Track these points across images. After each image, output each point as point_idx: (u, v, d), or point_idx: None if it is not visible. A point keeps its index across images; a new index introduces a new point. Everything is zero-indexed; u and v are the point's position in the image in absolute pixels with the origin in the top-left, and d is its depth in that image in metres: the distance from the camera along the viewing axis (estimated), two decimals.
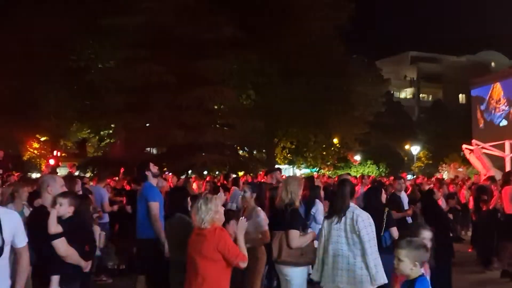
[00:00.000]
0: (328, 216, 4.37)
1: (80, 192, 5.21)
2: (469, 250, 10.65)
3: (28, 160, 28.71)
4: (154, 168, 5.78)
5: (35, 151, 28.82)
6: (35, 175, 27.24)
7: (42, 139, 28.46)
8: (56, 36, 23.35)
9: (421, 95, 57.88)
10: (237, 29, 21.00)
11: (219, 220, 3.85)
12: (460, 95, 54.32)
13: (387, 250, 5.26)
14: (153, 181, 5.74)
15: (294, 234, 4.61)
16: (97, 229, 5.56)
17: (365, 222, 4.15)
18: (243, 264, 3.84)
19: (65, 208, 4.02)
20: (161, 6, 20.07)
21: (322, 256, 4.35)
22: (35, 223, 3.97)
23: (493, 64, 56.49)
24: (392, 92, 47.83)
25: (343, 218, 4.21)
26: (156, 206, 5.36)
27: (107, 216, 8.40)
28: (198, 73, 20.49)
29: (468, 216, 12.52)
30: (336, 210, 4.28)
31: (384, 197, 5.84)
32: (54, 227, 3.85)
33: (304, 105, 26.13)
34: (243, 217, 5.37)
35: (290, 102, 26.33)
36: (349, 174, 9.92)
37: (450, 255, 6.89)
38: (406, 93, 57.98)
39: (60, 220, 3.93)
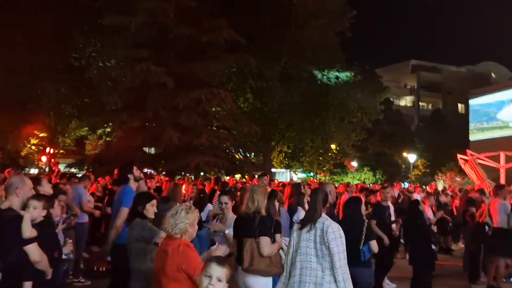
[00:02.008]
0: (299, 226, 4.20)
1: (50, 193, 5.00)
2: None
3: (25, 156, 28.81)
4: (137, 172, 5.63)
5: (33, 147, 28.88)
6: (33, 171, 27.42)
7: (41, 135, 28.52)
8: (59, 32, 23.46)
9: (420, 103, 57.94)
10: (237, 33, 21.06)
11: (190, 234, 3.58)
12: (459, 105, 54.41)
13: (366, 264, 5.29)
14: (134, 185, 5.56)
15: (266, 241, 4.52)
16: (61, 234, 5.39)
17: (336, 233, 3.94)
18: None
19: (39, 212, 3.92)
20: (162, 6, 20.14)
21: (289, 268, 4.16)
22: (3, 227, 3.74)
23: (493, 75, 56.60)
24: (391, 100, 47.88)
25: (313, 229, 4.02)
26: (124, 212, 5.14)
27: (85, 216, 8.23)
28: (196, 74, 20.54)
29: (459, 227, 12.53)
30: (306, 220, 4.13)
31: (363, 208, 5.70)
32: (29, 231, 3.70)
33: (302, 110, 26.17)
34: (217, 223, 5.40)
35: (288, 107, 26.38)
36: (336, 182, 9.90)
37: (430, 268, 6.88)
38: (406, 101, 58.05)
39: (32, 223, 3.80)
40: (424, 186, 21.48)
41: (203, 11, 21.25)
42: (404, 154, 41.36)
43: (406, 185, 26.13)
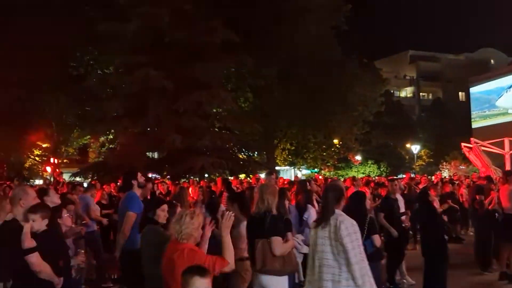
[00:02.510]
0: (315, 224, 4.17)
1: (57, 203, 5.00)
2: None
3: (29, 167, 28.87)
4: (141, 178, 5.67)
5: (37, 158, 28.95)
6: (37, 182, 27.47)
7: (44, 146, 28.56)
8: (56, 43, 23.46)
9: (421, 93, 57.86)
10: (233, 33, 21.04)
11: (195, 238, 3.65)
12: (460, 93, 54.31)
13: (370, 258, 5.26)
14: (138, 191, 5.61)
15: (279, 240, 4.47)
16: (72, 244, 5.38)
17: (349, 229, 3.90)
18: (228, 268, 3.62)
19: (39, 223, 3.93)
20: (157, 11, 20.12)
21: (311, 266, 4.13)
22: (7, 238, 3.81)
23: (492, 61, 56.48)
24: (391, 91, 47.81)
25: (328, 226, 3.99)
26: (131, 217, 5.20)
27: (95, 225, 8.29)
28: (195, 77, 20.51)
29: (467, 215, 12.49)
30: (321, 218, 4.11)
31: (368, 202, 5.63)
32: (28, 242, 3.74)
33: (303, 106, 26.13)
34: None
35: (288, 104, 26.34)
36: (340, 176, 9.86)
37: (445, 257, 6.83)
38: (406, 92, 57.97)
39: (33, 234, 3.83)
40: (429, 176, 21.44)
41: (198, 13, 21.21)
42: (407, 145, 41.32)
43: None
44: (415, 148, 39.40)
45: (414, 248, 10.51)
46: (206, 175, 21.78)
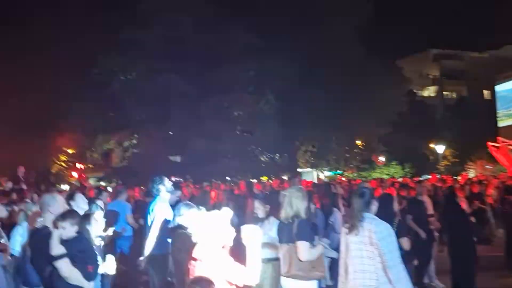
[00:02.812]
0: (346, 229, 4.14)
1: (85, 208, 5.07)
2: None
3: (56, 173, 29.42)
4: (168, 183, 5.73)
5: (63, 164, 29.48)
6: (63, 187, 27.97)
7: (69, 151, 29.08)
8: (80, 50, 23.89)
9: (444, 92, 56.90)
10: (254, 35, 21.08)
11: (222, 241, 3.61)
12: (485, 91, 53.22)
13: None
14: (166, 196, 5.67)
15: (304, 246, 4.42)
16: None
17: (384, 232, 3.88)
18: (251, 282, 3.53)
19: (68, 230, 3.98)
20: (179, 17, 20.34)
21: (344, 272, 4.10)
22: (37, 244, 3.93)
23: None
24: (414, 91, 47.15)
25: (361, 231, 3.95)
26: (159, 222, 5.25)
27: (130, 230, 8.37)
28: (217, 81, 20.65)
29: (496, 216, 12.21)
30: (352, 223, 4.07)
31: (396, 205, 5.51)
32: (56, 248, 3.81)
33: (324, 107, 25.96)
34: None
35: (310, 105, 26.20)
36: (363, 178, 9.75)
37: (473, 260, 6.70)
38: (429, 91, 57.05)
39: (62, 240, 3.89)
40: (455, 177, 21.07)
41: (219, 17, 21.34)
42: (432, 145, 40.65)
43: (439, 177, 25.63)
44: (439, 148, 38.73)
45: (441, 251, 10.33)
46: (228, 178, 21.84)
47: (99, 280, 4.48)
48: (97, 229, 5.16)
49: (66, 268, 3.80)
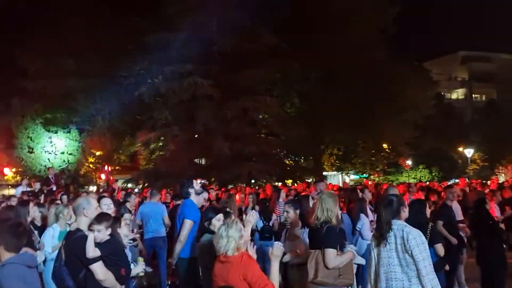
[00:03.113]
0: (376, 236, 4.08)
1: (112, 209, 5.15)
2: None
3: (84, 174, 29.96)
4: (197, 185, 5.75)
5: (91, 165, 30.00)
6: (91, 188, 28.48)
7: (97, 153, 29.57)
8: (107, 53, 24.33)
9: (473, 95, 55.81)
10: (278, 38, 21.09)
11: (244, 244, 3.67)
12: None
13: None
14: (196, 199, 5.68)
15: (332, 253, 4.38)
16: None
17: (417, 240, 3.81)
18: None
19: (103, 234, 4.03)
20: (204, 20, 20.49)
21: (374, 281, 4.06)
22: (72, 247, 3.95)
23: None
24: (442, 93, 46.41)
25: (393, 238, 3.89)
26: (188, 225, 5.27)
27: (164, 230, 8.47)
28: (242, 84, 20.72)
29: None
30: (382, 231, 4.00)
31: (428, 211, 5.41)
32: (92, 251, 3.85)
33: (350, 110, 25.78)
34: (285, 238, 5.34)
35: (335, 108, 26.05)
36: (390, 182, 9.58)
37: (503, 267, 6.54)
38: (457, 94, 56.08)
39: (96, 243, 3.94)
40: (485, 181, 20.58)
41: (245, 21, 21.41)
42: (460, 149, 39.89)
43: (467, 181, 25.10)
44: (468, 151, 37.98)
45: (471, 257, 10.11)
46: (253, 181, 21.86)
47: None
48: (126, 231, 5.25)
49: (101, 271, 3.85)
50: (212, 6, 20.51)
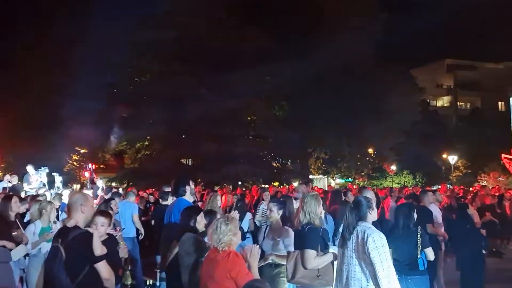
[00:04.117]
0: (342, 236, 4.12)
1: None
2: None
3: (68, 172, 29.68)
4: (192, 185, 5.69)
5: (75, 163, 29.73)
6: (75, 186, 28.22)
7: (82, 151, 29.32)
8: (95, 51, 24.12)
9: (458, 103, 56.53)
10: (269, 41, 21.15)
11: (236, 242, 3.69)
12: (500, 103, 52.81)
13: (423, 272, 5.17)
14: (190, 198, 5.61)
15: (310, 254, 4.36)
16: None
17: (377, 242, 3.82)
18: None
19: (105, 228, 3.94)
20: (194, 20, 20.47)
21: (339, 280, 4.11)
22: (75, 245, 3.73)
23: None
24: (428, 100, 46.96)
25: (356, 239, 3.95)
26: None
27: (134, 231, 8.37)
28: (231, 85, 20.73)
29: (509, 228, 12.10)
30: (345, 231, 4.07)
31: (415, 215, 5.45)
32: (99, 249, 3.70)
33: (338, 114, 25.98)
34: (264, 236, 5.37)
35: (323, 112, 26.22)
36: (375, 186, 9.69)
37: (481, 273, 6.66)
38: (442, 102, 56.73)
39: None
40: (469, 188, 20.87)
41: (235, 22, 21.46)
42: (444, 156, 40.36)
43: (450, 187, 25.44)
44: (452, 158, 38.45)
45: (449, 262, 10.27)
46: (239, 183, 21.87)
47: None
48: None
49: (107, 270, 3.71)
50: (203, 6, 20.53)
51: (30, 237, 5.88)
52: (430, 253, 5.17)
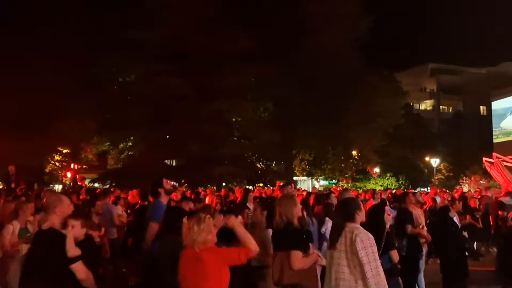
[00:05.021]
0: (330, 238, 4.16)
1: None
2: None
3: (49, 172, 29.25)
4: (167, 185, 5.67)
5: (57, 163, 29.31)
6: (57, 187, 27.82)
7: (64, 151, 28.92)
8: (79, 49, 23.82)
9: (441, 107, 57.25)
10: (254, 42, 21.14)
11: (212, 241, 3.67)
12: (481, 107, 53.64)
13: (389, 273, 5.18)
14: (165, 199, 5.60)
15: (297, 255, 4.34)
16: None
17: (365, 242, 3.86)
18: (253, 253, 3.69)
19: (79, 230, 3.92)
20: (181, 19, 20.36)
21: (326, 280, 4.12)
22: (47, 247, 3.77)
23: None
24: (411, 104, 47.46)
25: (344, 239, 3.97)
26: (154, 227, 5.16)
27: (115, 232, 8.33)
28: (216, 85, 20.66)
29: (488, 231, 12.24)
30: (333, 232, 4.10)
31: (387, 216, 5.48)
32: (73, 250, 3.72)
33: (322, 117, 26.09)
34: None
35: (308, 114, 26.31)
36: (359, 188, 9.73)
37: (464, 274, 6.73)
38: (425, 105, 57.41)
39: (74, 242, 3.82)
40: (448, 191, 21.10)
41: (221, 22, 21.40)
42: (427, 158, 40.83)
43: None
44: (434, 161, 38.91)
45: (432, 263, 10.36)
46: (224, 184, 21.80)
47: None
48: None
49: (83, 271, 3.73)
50: (189, 6, 20.43)
51: (6, 238, 5.75)
52: (394, 256, 5.15)
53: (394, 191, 20.26)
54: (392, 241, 5.28)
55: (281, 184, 11.47)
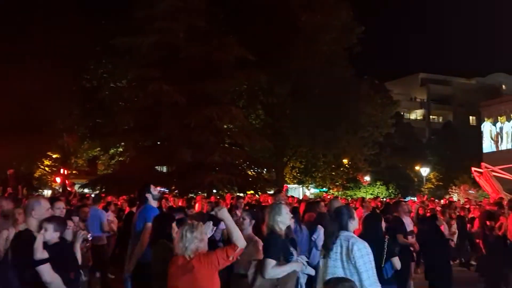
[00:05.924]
0: (324, 247, 4.16)
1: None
2: None
3: (39, 177, 29.06)
4: (154, 190, 5.67)
5: (46, 168, 29.13)
6: (46, 192, 27.64)
7: (54, 156, 28.77)
8: (70, 55, 23.77)
9: (431, 116, 57.73)
10: (247, 50, 21.21)
11: (203, 249, 3.69)
12: (471, 117, 54.18)
13: (388, 281, 5.20)
14: (154, 204, 5.62)
15: (268, 263, 4.22)
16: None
17: (362, 251, 3.89)
18: (239, 249, 3.76)
19: (50, 234, 3.93)
20: (173, 26, 20.40)
21: None
22: (19, 247, 3.86)
23: (504, 86, 56.29)
24: (402, 113, 47.84)
25: (339, 248, 3.98)
26: (149, 228, 5.10)
27: (104, 238, 8.29)
28: (208, 93, 20.64)
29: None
30: (327, 240, 4.10)
31: (383, 224, 5.52)
32: (40, 253, 3.77)
33: (313, 125, 26.19)
34: None
35: (299, 122, 26.40)
36: (349, 197, 9.76)
37: (449, 282, 6.79)
38: (416, 115, 57.87)
39: (46, 245, 3.85)
40: (438, 200, 21.27)
41: (213, 30, 21.46)
42: (417, 168, 41.11)
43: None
44: (424, 170, 39.18)
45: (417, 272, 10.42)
46: (214, 191, 21.74)
47: None
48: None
49: (48, 274, 3.76)
50: (181, 13, 20.48)
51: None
52: (396, 263, 5.17)
53: (384, 199, 20.40)
54: (393, 249, 5.29)
55: (273, 192, 11.51)
